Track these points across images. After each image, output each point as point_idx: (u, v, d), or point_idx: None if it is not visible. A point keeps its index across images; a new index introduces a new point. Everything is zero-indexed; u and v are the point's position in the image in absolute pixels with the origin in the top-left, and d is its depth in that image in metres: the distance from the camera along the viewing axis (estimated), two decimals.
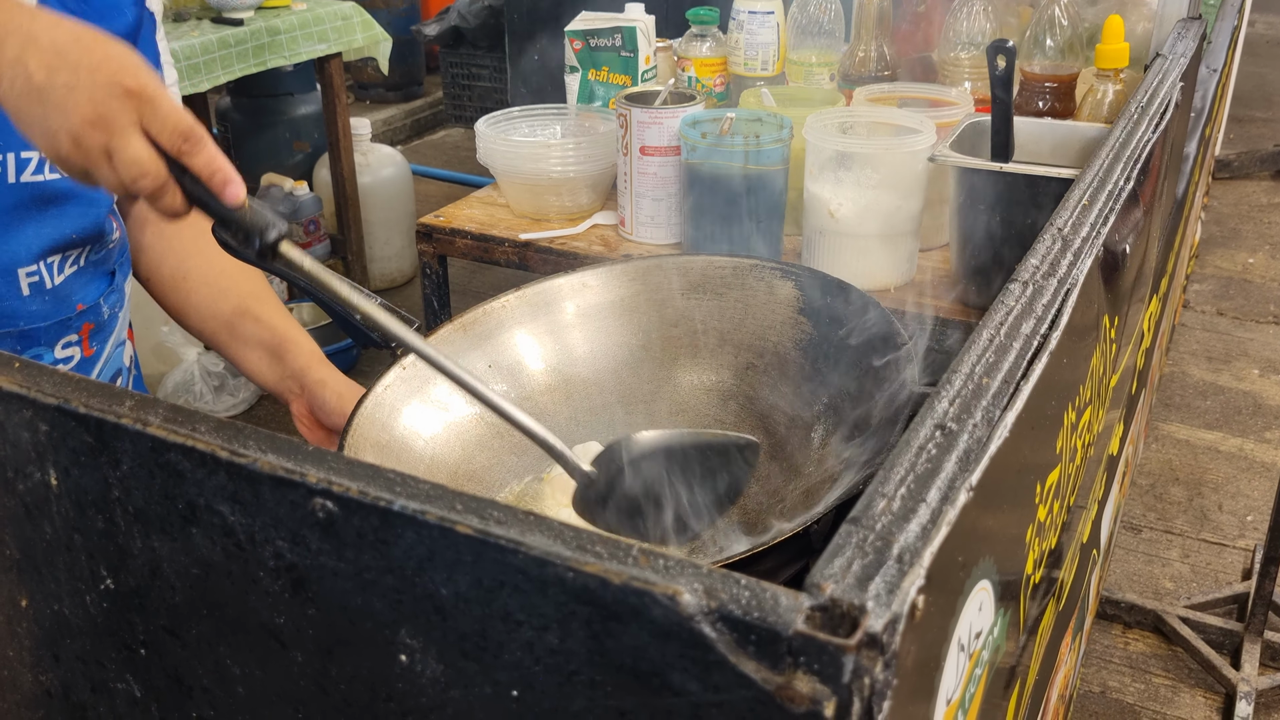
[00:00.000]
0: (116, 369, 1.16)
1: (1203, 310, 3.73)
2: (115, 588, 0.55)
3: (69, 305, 1.05)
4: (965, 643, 0.51)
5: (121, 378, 1.18)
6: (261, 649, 0.52)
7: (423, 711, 0.48)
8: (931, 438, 0.52)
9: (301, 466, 0.47)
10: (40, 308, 1.02)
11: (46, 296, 1.03)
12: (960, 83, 1.80)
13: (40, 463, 0.54)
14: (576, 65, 1.90)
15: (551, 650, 0.44)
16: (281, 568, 0.49)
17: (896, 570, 0.43)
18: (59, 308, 1.04)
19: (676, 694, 0.42)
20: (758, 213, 1.51)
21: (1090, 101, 1.69)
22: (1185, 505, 2.77)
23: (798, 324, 1.15)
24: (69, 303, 1.05)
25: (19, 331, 1.02)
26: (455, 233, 1.75)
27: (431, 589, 0.46)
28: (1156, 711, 2.18)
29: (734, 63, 1.87)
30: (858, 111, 1.58)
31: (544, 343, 1.19)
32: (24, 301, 1.01)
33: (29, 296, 1.01)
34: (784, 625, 0.39)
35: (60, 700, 0.61)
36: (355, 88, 5.55)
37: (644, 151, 1.59)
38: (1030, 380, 0.58)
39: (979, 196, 1.37)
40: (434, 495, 0.45)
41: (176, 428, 0.50)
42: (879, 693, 0.39)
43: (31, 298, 1.01)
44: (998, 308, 0.65)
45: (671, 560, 0.42)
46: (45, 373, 0.54)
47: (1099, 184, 0.87)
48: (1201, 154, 1.85)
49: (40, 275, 1.01)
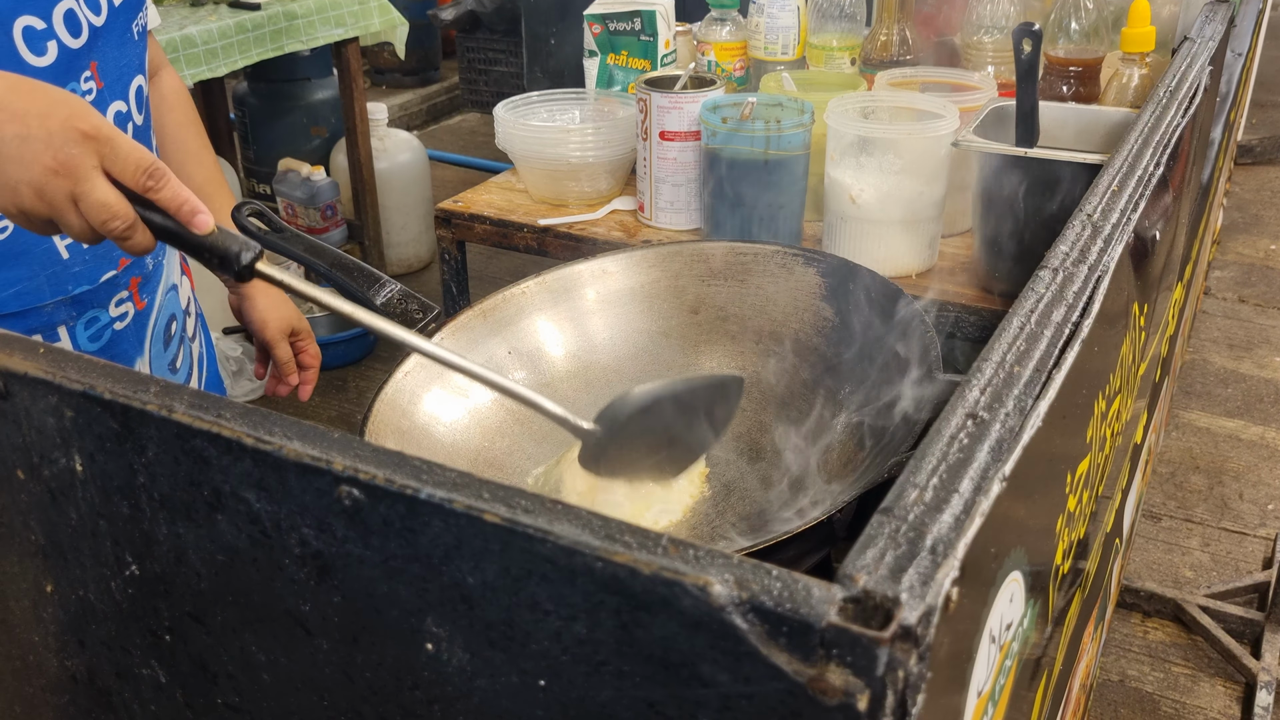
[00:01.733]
0: (170, 315, 1.16)
1: (1224, 297, 3.70)
2: (140, 574, 0.55)
3: (111, 261, 1.04)
4: (996, 634, 0.50)
5: (176, 322, 1.18)
6: (286, 636, 0.51)
7: (449, 700, 0.48)
8: (963, 427, 0.51)
9: (327, 454, 0.47)
10: (84, 268, 1.02)
11: (86, 256, 1.02)
12: (983, 67, 1.78)
13: (66, 448, 0.54)
14: (595, 49, 1.89)
15: (579, 640, 0.43)
16: (307, 555, 0.49)
17: (930, 562, 0.42)
18: (102, 265, 1.04)
19: (706, 685, 0.41)
20: (778, 198, 1.50)
21: (1115, 86, 1.67)
22: (1206, 494, 2.75)
23: (819, 311, 1.15)
24: (111, 259, 1.04)
25: (71, 298, 1.01)
26: (474, 218, 1.74)
27: (458, 577, 0.45)
28: (1176, 701, 2.17)
29: (754, 47, 1.86)
30: (879, 96, 1.57)
31: (564, 329, 1.18)
32: (66, 265, 1.00)
33: (69, 259, 1.00)
34: (817, 617, 0.39)
35: (85, 685, 0.61)
36: (372, 73, 5.54)
37: (664, 137, 1.58)
38: (1063, 368, 0.58)
39: (1002, 182, 1.35)
40: (461, 483, 0.45)
41: (201, 414, 0.50)
42: (913, 685, 0.39)
43: (72, 260, 1.01)
44: (1028, 295, 0.64)
45: (702, 550, 0.42)
46: (70, 359, 0.54)
47: (1128, 169, 0.86)
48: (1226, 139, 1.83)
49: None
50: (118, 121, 1.03)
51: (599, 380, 1.18)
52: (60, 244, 1.00)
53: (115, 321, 1.07)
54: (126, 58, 1.03)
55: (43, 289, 0.99)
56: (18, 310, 0.98)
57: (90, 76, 0.99)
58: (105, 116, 1.01)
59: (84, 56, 0.98)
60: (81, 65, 0.98)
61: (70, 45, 0.96)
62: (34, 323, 1.00)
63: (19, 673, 0.65)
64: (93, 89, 0.99)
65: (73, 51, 0.96)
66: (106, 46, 1.00)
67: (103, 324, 1.06)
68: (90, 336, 1.04)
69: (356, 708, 0.51)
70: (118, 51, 1.02)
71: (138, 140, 1.08)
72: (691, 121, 1.56)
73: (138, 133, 1.06)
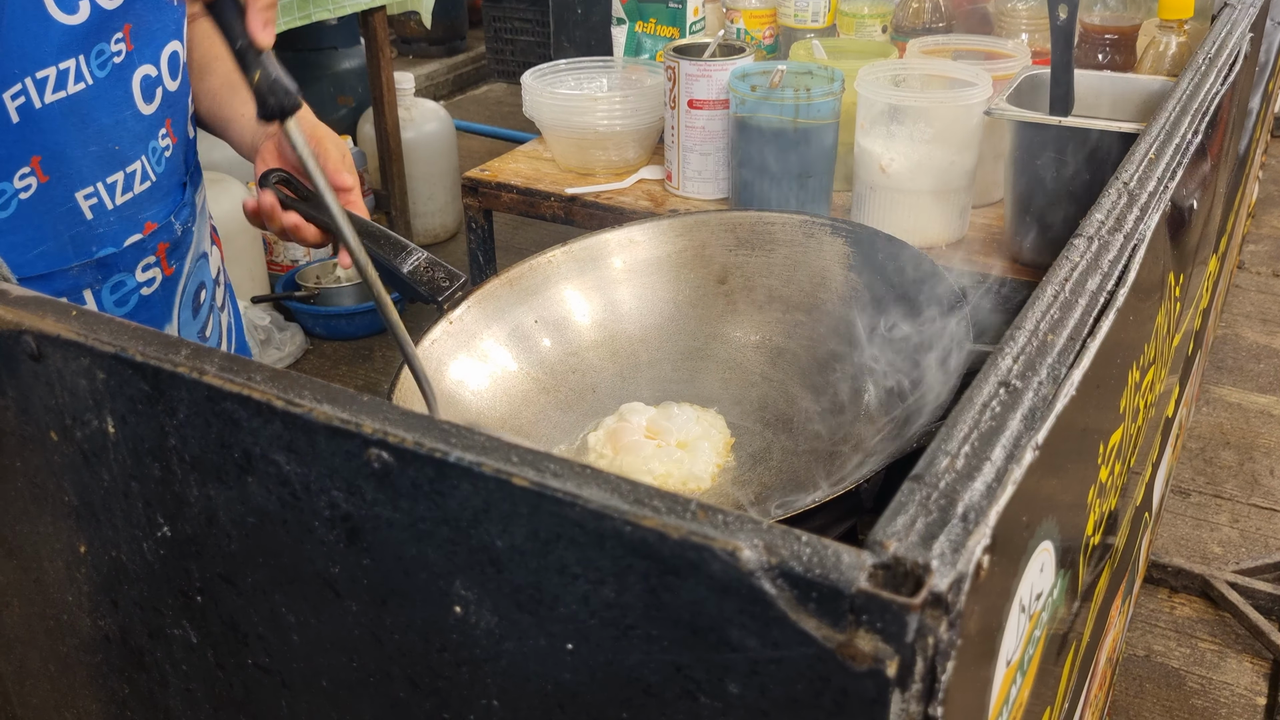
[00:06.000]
0: (199, 283, 1.16)
1: (1258, 272, 3.65)
2: (172, 535, 0.56)
3: (137, 225, 1.05)
4: (1026, 604, 0.50)
5: (205, 291, 1.18)
6: (316, 598, 0.52)
7: (476, 663, 0.48)
8: (995, 395, 0.51)
9: (357, 417, 0.47)
10: (108, 230, 1.02)
11: (111, 218, 1.02)
12: (1017, 34, 1.76)
13: (98, 410, 0.54)
14: (623, 17, 1.87)
15: (608, 604, 0.43)
16: (337, 517, 0.49)
17: (961, 529, 0.42)
18: (127, 228, 1.03)
19: (734, 650, 0.41)
20: (807, 168, 1.49)
21: (1152, 54, 1.64)
22: (1236, 470, 2.72)
23: (848, 281, 1.14)
24: (137, 222, 1.04)
25: (97, 261, 1.02)
26: (501, 187, 1.74)
27: (487, 540, 0.45)
28: (1202, 676, 2.16)
29: (784, 14, 1.84)
30: (911, 64, 1.55)
31: (591, 298, 1.18)
32: (90, 226, 1.00)
33: (93, 220, 1.00)
34: (846, 583, 0.39)
35: (119, 645, 0.62)
36: (398, 42, 5.53)
37: (692, 105, 1.57)
38: (1097, 337, 0.57)
39: (1036, 151, 1.33)
40: (490, 447, 0.45)
41: (232, 376, 0.50)
42: (942, 652, 0.39)
43: (96, 221, 1.01)
44: (1062, 263, 0.64)
45: (731, 515, 0.41)
46: (102, 321, 0.54)
47: (1166, 137, 0.85)
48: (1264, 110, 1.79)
49: (99, 196, 1.00)
50: (145, 86, 1.02)
51: (625, 350, 1.18)
52: (84, 204, 0.99)
53: (142, 287, 1.07)
54: (162, 21, 1.03)
55: (67, 250, 0.99)
56: (44, 273, 0.98)
57: (121, 38, 0.98)
58: (132, 81, 1.01)
59: (118, 18, 0.97)
60: (114, 26, 0.97)
61: (105, 5, 0.95)
62: (60, 285, 1.00)
63: (53, 632, 0.66)
64: (122, 50, 0.99)
65: (106, 11, 0.96)
66: (144, 9, 1.00)
67: (129, 289, 1.06)
68: (116, 301, 1.05)
69: (385, 669, 0.52)
70: (154, 15, 1.01)
71: (173, 108, 1.07)
72: (720, 90, 1.55)
73: (169, 98, 1.06)
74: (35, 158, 0.95)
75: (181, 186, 1.11)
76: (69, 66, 0.95)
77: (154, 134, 1.05)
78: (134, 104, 1.01)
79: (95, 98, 0.97)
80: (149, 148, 1.05)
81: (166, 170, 1.08)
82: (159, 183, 1.07)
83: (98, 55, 0.97)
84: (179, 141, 1.10)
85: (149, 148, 1.05)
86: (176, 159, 1.10)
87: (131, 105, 1.01)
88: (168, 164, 1.08)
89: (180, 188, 1.11)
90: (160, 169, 1.07)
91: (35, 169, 0.95)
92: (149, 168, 1.05)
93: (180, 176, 1.11)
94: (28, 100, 0.93)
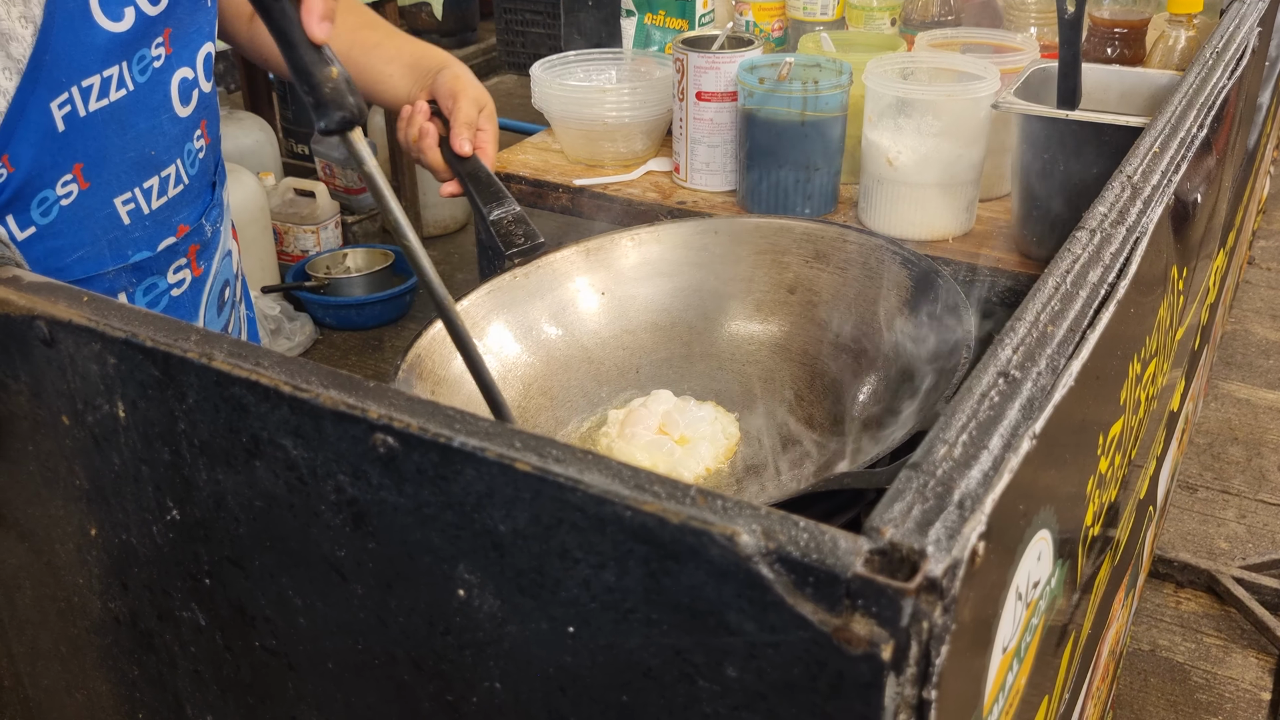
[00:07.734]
0: (225, 280, 1.18)
1: (1268, 268, 3.64)
2: (181, 519, 0.56)
3: (170, 228, 1.06)
4: (1023, 592, 0.50)
5: (229, 288, 1.20)
6: (323, 581, 0.53)
7: (479, 645, 0.49)
8: (994, 385, 0.51)
9: (363, 402, 0.48)
10: (143, 234, 1.03)
11: (147, 222, 1.03)
12: (1026, 28, 1.75)
13: (109, 395, 0.55)
14: (633, 9, 1.88)
15: (608, 588, 0.44)
16: (343, 502, 0.50)
17: (957, 516, 0.42)
18: (161, 232, 1.05)
19: (732, 633, 0.42)
20: (815, 160, 1.49)
21: (1161, 48, 1.64)
22: (1243, 465, 2.72)
23: (859, 281, 1.14)
24: (170, 226, 1.05)
25: (132, 265, 1.03)
26: (509, 178, 1.74)
27: (490, 525, 0.46)
28: (1207, 671, 2.16)
29: (793, 7, 1.84)
30: (919, 57, 1.55)
31: (605, 296, 1.19)
32: (126, 231, 1.01)
33: (130, 225, 1.01)
34: (843, 567, 0.39)
35: (128, 627, 0.63)
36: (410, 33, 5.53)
37: (700, 97, 1.58)
38: (1097, 329, 0.57)
39: (1043, 145, 1.33)
40: (493, 432, 0.46)
41: (240, 362, 0.50)
42: (937, 637, 0.39)
43: (133, 225, 1.02)
44: (1064, 255, 0.64)
45: (730, 501, 0.42)
46: (113, 307, 0.55)
47: (1171, 131, 0.85)
48: (1274, 105, 1.79)
49: (136, 201, 1.01)
50: (182, 89, 1.03)
51: (637, 346, 1.18)
52: (122, 209, 1.00)
53: (173, 288, 1.08)
54: (198, 24, 1.03)
55: (104, 255, 1.00)
56: (82, 277, 0.99)
57: (161, 43, 0.99)
58: (170, 85, 1.02)
59: (160, 23, 0.98)
60: (155, 31, 0.98)
61: (148, 12, 0.96)
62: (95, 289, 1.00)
63: (64, 614, 0.67)
64: (161, 55, 0.99)
65: (150, 18, 0.96)
66: (183, 13, 1.01)
67: (160, 290, 1.07)
68: (148, 303, 1.06)
69: (390, 651, 0.52)
70: (191, 18, 1.02)
71: (207, 109, 1.08)
72: (728, 82, 1.55)
73: (204, 100, 1.06)
74: (77, 165, 0.96)
75: (211, 187, 1.13)
76: (112, 74, 0.95)
77: (190, 136, 1.06)
78: (171, 107, 1.02)
79: (135, 103, 0.98)
80: (184, 150, 1.06)
81: (199, 172, 1.09)
82: (191, 185, 1.08)
83: (139, 61, 0.97)
84: (211, 142, 1.11)
85: (184, 150, 1.06)
86: (209, 160, 1.11)
87: (169, 109, 1.02)
88: (200, 165, 1.09)
89: (210, 188, 1.12)
90: (193, 171, 1.08)
91: (77, 176, 0.96)
92: (183, 170, 1.06)
93: (210, 177, 1.12)
94: (73, 109, 0.93)
